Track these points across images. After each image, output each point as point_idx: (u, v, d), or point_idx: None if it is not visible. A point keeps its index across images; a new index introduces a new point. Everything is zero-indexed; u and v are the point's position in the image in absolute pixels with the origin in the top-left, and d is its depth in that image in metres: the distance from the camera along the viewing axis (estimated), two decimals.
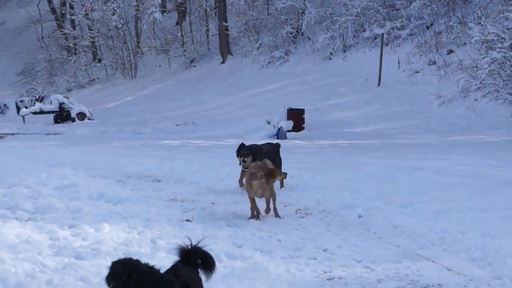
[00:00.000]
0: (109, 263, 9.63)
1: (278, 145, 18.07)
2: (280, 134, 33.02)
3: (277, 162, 17.09)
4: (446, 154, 23.26)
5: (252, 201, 13.60)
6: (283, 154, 23.91)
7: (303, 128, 35.67)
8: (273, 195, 13.82)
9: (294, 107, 36.47)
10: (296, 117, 35.66)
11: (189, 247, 7.36)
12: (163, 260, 10.11)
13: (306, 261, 10.51)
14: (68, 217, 13.10)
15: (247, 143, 17.13)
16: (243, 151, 16.50)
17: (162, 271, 6.81)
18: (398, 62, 40.34)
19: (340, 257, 10.77)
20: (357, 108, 37.92)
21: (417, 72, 38.97)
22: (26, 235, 11.55)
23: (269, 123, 34.85)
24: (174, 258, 10.04)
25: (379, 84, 40.29)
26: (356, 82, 41.63)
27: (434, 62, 38.40)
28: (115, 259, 6.79)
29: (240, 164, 16.73)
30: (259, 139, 31.48)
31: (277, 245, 11.50)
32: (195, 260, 7.20)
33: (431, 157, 22.60)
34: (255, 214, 13.57)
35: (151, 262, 6.86)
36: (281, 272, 9.83)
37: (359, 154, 24.32)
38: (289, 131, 33.97)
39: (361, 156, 23.25)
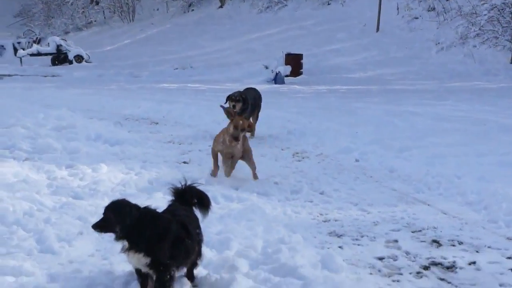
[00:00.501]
0: (106, 203, 9.77)
1: (259, 91, 17.38)
2: (278, 79, 32.96)
3: (259, 107, 17.07)
4: (444, 100, 23.28)
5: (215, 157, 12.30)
6: (281, 99, 23.99)
7: (301, 73, 35.59)
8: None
9: (292, 52, 36.38)
10: (294, 62, 35.56)
11: (184, 186, 7.38)
12: (160, 200, 10.12)
13: (303, 204, 10.57)
14: (66, 157, 13.12)
15: (243, 88, 17.06)
16: (234, 96, 16.05)
17: (159, 211, 6.84)
18: (397, 8, 40.20)
19: (337, 200, 10.83)
20: (355, 54, 37.84)
21: (416, 18, 38.85)
22: (24, 174, 11.57)
23: (267, 68, 34.76)
24: (170, 198, 10.16)
25: (377, 30, 40.17)
26: (355, 28, 41.50)
27: (433, 8, 38.25)
28: (112, 199, 6.78)
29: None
30: (257, 84, 31.37)
31: (274, 187, 11.53)
32: (190, 199, 7.22)
33: (428, 103, 22.62)
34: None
35: (148, 203, 6.87)
36: (277, 214, 9.88)
37: (356, 99, 24.34)
38: (287, 76, 33.91)
39: (358, 102, 23.27)
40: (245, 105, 15.87)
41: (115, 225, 6.37)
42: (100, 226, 6.47)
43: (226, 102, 15.76)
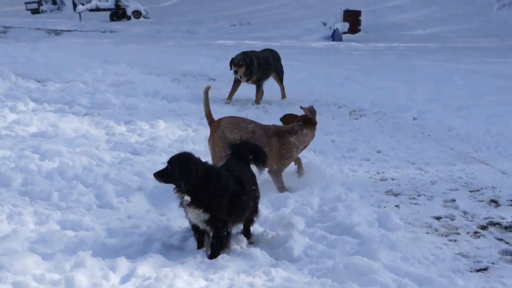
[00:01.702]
0: (164, 159, 9.85)
1: (277, 53, 16.20)
2: (335, 35, 32.73)
3: (278, 71, 15.95)
4: (505, 58, 22.93)
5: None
6: (339, 56, 23.77)
7: (359, 30, 35.26)
8: None
9: (350, 9, 35.98)
10: (352, 18, 35.21)
11: (240, 142, 7.39)
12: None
13: (359, 162, 10.55)
14: (124, 113, 13.26)
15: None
16: (237, 59, 15.18)
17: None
18: None
19: (394, 158, 10.78)
20: (415, 11, 37.37)
21: None
22: (83, 129, 11.75)
23: (325, 24, 34.54)
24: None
25: None
26: None
27: None
28: (170, 155, 6.81)
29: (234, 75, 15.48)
30: (315, 41, 31.39)
31: (331, 145, 11.53)
32: (246, 155, 7.21)
33: (488, 60, 22.30)
34: None
35: (206, 159, 6.91)
36: (334, 172, 9.88)
37: (415, 57, 24.07)
38: (344, 33, 33.62)
39: (417, 59, 23.01)
40: (249, 69, 15.11)
41: (178, 178, 6.41)
42: (163, 176, 6.51)
43: (231, 69, 15.29)
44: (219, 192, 6.48)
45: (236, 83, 15.51)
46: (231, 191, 6.55)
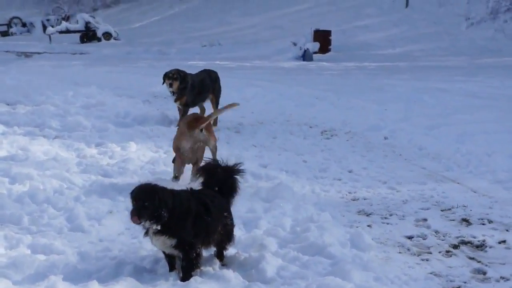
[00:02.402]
0: (135, 181, 9.81)
1: (216, 73, 15.72)
2: (306, 55, 32.85)
3: (216, 91, 15.43)
4: (474, 77, 23.09)
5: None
6: (309, 75, 23.85)
7: (329, 50, 35.44)
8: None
9: (320, 29, 36.17)
10: (323, 38, 35.39)
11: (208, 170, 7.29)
12: (188, 179, 10.18)
13: (331, 182, 10.56)
14: (95, 135, 13.20)
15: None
16: (171, 73, 14.75)
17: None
18: None
19: (365, 178, 10.81)
20: (384, 30, 37.63)
21: None
22: (54, 152, 11.66)
23: (295, 44, 34.61)
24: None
25: (407, 6, 39.90)
26: (384, 4, 41.24)
27: None
28: (142, 178, 6.79)
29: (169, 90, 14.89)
30: (286, 61, 31.51)
31: (302, 165, 11.55)
32: (214, 184, 7.15)
33: (458, 79, 22.45)
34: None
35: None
36: (306, 192, 9.89)
37: (385, 76, 24.20)
38: (315, 52, 33.76)
39: (387, 78, 23.13)
40: (183, 84, 14.60)
41: (158, 212, 6.32)
42: (144, 215, 6.32)
43: (163, 83, 14.86)
44: (182, 216, 6.44)
45: (182, 109, 14.82)
46: (194, 212, 6.52)
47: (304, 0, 47.10)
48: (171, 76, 14.60)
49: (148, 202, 6.31)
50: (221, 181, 7.19)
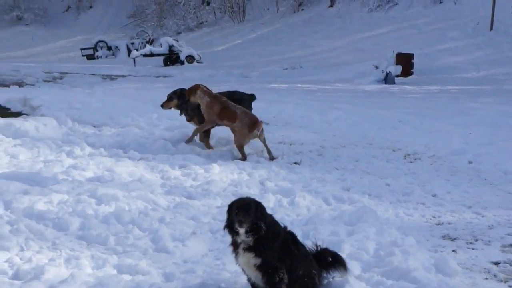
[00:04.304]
0: (219, 203, 9.90)
1: (244, 95, 15.63)
2: (388, 79, 32.65)
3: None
4: None
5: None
6: (391, 99, 23.64)
7: (411, 73, 35.13)
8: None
9: (403, 52, 35.93)
10: (405, 61, 35.12)
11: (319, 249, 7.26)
12: (271, 201, 10.23)
13: (415, 206, 10.46)
14: (179, 157, 13.33)
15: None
16: (169, 94, 15.01)
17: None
18: None
19: (450, 202, 10.67)
20: (468, 53, 37.11)
21: None
22: (138, 174, 11.84)
23: (377, 67, 34.44)
24: (279, 197, 10.23)
25: (491, 29, 39.31)
26: (468, 26, 40.73)
27: None
28: (225, 200, 6.84)
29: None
30: (367, 84, 31.39)
31: (385, 189, 11.47)
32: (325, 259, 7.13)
33: None
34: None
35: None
36: (389, 216, 9.82)
37: (469, 99, 23.85)
38: (397, 76, 33.51)
39: (471, 102, 22.81)
40: (180, 101, 14.65)
41: (256, 222, 6.43)
42: (245, 215, 6.42)
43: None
44: (272, 237, 6.49)
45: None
46: (283, 238, 6.57)
47: (386, 23, 46.89)
48: (168, 97, 14.94)
49: (251, 212, 6.41)
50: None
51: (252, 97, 15.46)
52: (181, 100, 14.66)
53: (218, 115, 13.86)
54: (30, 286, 6.71)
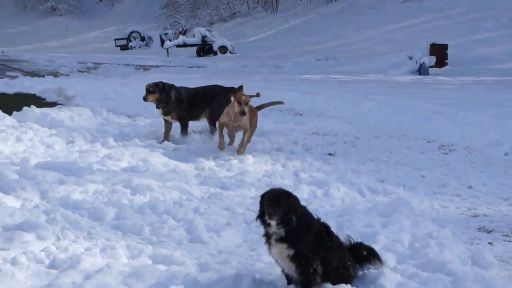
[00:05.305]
0: (253, 194, 9.91)
1: (214, 89, 14.95)
2: (422, 70, 32.44)
3: (212, 108, 14.47)
4: None
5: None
6: (425, 90, 23.44)
7: (446, 64, 34.85)
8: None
9: (437, 42, 35.63)
10: (439, 52, 34.83)
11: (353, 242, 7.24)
12: (305, 191, 10.22)
13: (450, 198, 10.38)
14: (213, 148, 13.34)
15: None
16: (149, 85, 14.26)
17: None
18: None
19: (485, 194, 10.58)
20: (503, 44, 36.71)
21: None
22: (173, 164, 11.89)
23: (411, 58, 34.24)
24: (313, 188, 10.22)
25: None
26: (503, 17, 40.34)
27: None
28: (259, 190, 6.85)
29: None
30: (401, 75, 31.22)
31: (420, 181, 11.40)
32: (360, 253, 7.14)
33: None
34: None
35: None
36: (424, 208, 9.76)
37: (504, 91, 23.67)
38: (431, 66, 33.26)
39: (507, 93, 22.60)
40: (162, 95, 14.08)
41: (287, 214, 6.43)
42: (276, 207, 6.41)
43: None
44: (305, 228, 6.49)
45: (167, 123, 14.50)
46: (316, 230, 6.56)
47: (420, 13, 46.57)
48: (147, 89, 14.19)
49: (282, 204, 6.40)
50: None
51: (229, 91, 14.34)
52: (162, 94, 14.12)
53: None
54: (66, 275, 6.76)
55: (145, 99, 14.20)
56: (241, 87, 12.98)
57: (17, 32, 72.38)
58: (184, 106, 14.36)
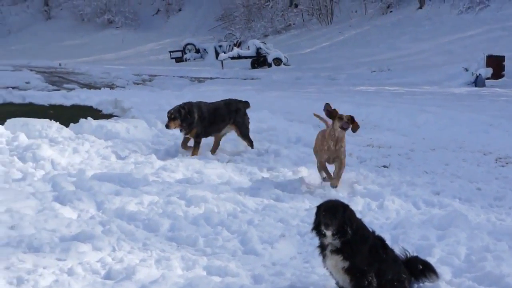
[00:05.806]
0: (307, 206, 9.90)
1: (236, 104, 14.64)
2: (478, 81, 32.13)
3: (238, 124, 14.39)
4: None
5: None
6: (482, 102, 23.16)
7: (503, 76, 34.46)
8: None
9: (493, 54, 35.27)
10: (496, 64, 34.46)
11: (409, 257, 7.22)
12: (360, 204, 10.18)
13: (507, 211, 10.22)
14: (267, 160, 13.38)
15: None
16: (170, 113, 13.78)
17: None
18: None
19: None
20: None
21: None
22: (227, 176, 11.92)
23: (467, 70, 33.92)
24: (368, 200, 10.18)
25: None
26: None
27: None
28: (313, 202, 6.85)
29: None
30: (457, 87, 30.92)
31: (476, 193, 11.26)
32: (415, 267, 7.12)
33: None
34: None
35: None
36: (481, 221, 9.62)
37: None
38: (487, 78, 32.94)
39: None
40: (186, 119, 13.66)
41: (343, 225, 6.46)
42: (333, 218, 6.47)
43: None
44: (361, 241, 6.47)
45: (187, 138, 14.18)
46: (372, 242, 6.55)
47: (476, 25, 46.18)
48: (168, 116, 13.75)
49: (338, 215, 6.43)
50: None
51: (246, 105, 14.67)
52: (185, 119, 13.70)
53: None
54: (122, 286, 6.83)
55: (167, 127, 13.84)
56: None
57: (74, 45, 73.27)
58: (206, 123, 14.04)
